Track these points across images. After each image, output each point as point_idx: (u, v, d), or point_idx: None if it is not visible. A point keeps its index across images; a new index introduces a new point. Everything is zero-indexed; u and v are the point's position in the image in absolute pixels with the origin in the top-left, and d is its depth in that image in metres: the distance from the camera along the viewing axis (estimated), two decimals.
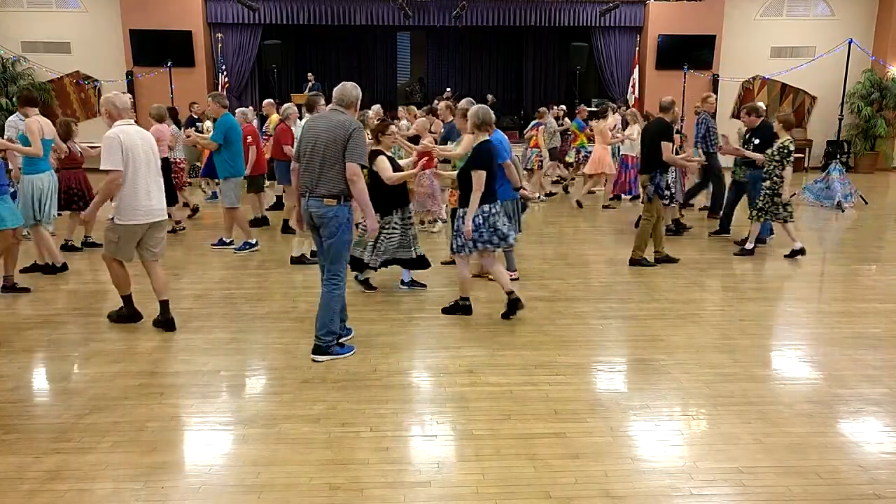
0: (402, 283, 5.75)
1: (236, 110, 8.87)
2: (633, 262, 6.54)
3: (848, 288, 5.95)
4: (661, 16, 14.97)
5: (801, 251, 6.84)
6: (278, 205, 9.31)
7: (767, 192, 6.74)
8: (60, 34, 14.31)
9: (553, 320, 4.95)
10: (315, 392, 3.70)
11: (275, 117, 10.36)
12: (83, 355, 4.26)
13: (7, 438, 3.19)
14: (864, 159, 15.16)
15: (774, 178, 6.69)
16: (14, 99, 13.61)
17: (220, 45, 14.58)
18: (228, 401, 3.63)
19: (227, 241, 7.25)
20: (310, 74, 15.19)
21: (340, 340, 4.31)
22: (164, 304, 4.69)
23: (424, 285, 5.73)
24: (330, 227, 4.03)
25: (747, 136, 7.55)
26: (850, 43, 12.06)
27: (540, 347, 4.39)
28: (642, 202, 6.99)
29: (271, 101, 10.93)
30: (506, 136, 5.75)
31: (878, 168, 15.15)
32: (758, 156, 6.91)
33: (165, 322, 4.67)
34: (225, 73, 14.67)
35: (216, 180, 9.40)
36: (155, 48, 14.06)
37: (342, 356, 4.19)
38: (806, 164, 15.08)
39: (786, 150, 6.63)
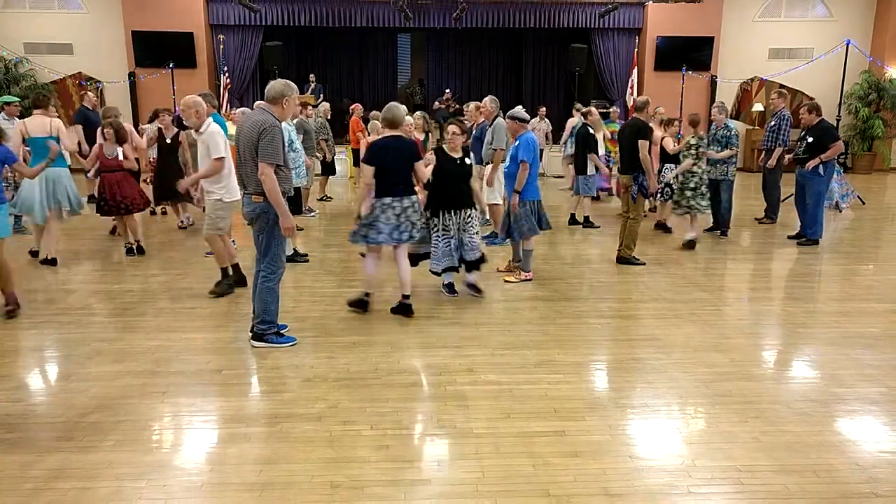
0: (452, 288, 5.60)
1: (237, 110, 8.84)
2: (621, 259, 6.61)
3: (845, 288, 5.97)
4: (659, 17, 15.01)
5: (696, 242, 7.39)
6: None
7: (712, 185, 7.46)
8: (63, 35, 14.34)
9: (553, 320, 4.97)
10: (316, 391, 3.73)
11: None
12: (85, 354, 4.29)
13: (9, 437, 3.21)
14: (862, 160, 15.20)
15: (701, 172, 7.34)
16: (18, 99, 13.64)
17: (221, 46, 14.61)
18: (230, 399, 3.65)
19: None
20: (311, 76, 15.23)
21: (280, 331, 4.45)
22: (233, 267, 5.68)
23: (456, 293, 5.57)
24: (259, 223, 4.19)
25: (802, 133, 7.78)
26: (847, 44, 12.11)
27: (540, 346, 4.41)
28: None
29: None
30: (536, 137, 5.94)
31: (876, 169, 15.19)
32: (813, 161, 7.42)
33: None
34: (227, 74, 14.70)
35: None
36: (157, 49, 14.09)
37: (278, 345, 4.33)
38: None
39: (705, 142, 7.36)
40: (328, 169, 10.56)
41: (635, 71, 15.26)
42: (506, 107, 6.65)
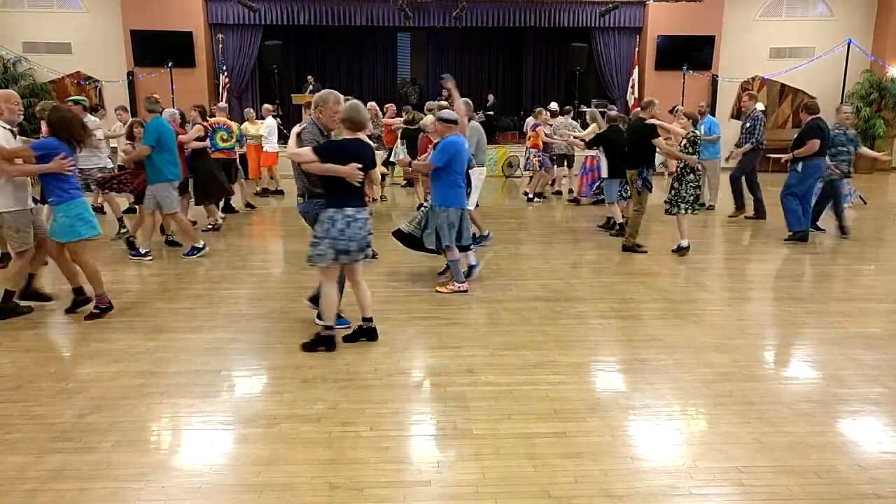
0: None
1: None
2: (626, 248, 7.07)
3: (847, 288, 5.96)
4: (660, 17, 15.00)
5: (688, 248, 7.06)
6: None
7: (693, 184, 6.83)
8: (61, 35, 14.34)
9: (553, 320, 4.96)
10: (315, 392, 3.71)
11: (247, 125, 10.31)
12: (84, 355, 4.27)
13: (8, 438, 3.20)
14: (863, 160, 15.13)
15: (698, 171, 6.84)
16: None
17: (220, 45, 14.60)
18: (229, 400, 3.64)
19: (200, 245, 6.94)
20: (310, 77, 15.20)
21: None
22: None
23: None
24: (307, 221, 4.41)
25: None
26: (849, 43, 12.10)
27: (540, 347, 4.40)
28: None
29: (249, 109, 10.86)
30: (462, 140, 5.60)
31: (878, 168, 15.16)
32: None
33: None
34: (226, 73, 14.70)
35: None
36: (156, 49, 14.09)
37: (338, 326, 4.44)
38: None
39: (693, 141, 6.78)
40: None
41: (636, 70, 15.25)
42: (507, 106, 6.62)
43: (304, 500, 2.72)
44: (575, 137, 9.94)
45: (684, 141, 6.77)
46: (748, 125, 8.83)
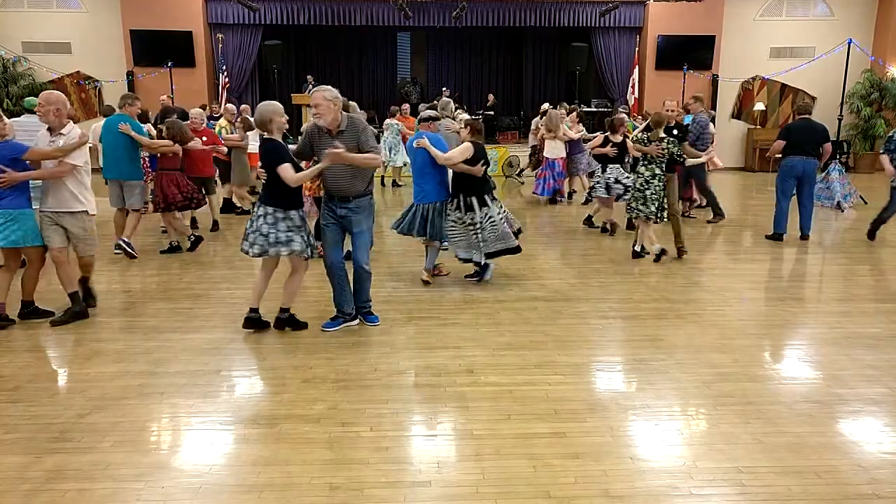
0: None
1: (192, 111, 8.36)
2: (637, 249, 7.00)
3: (847, 288, 5.96)
4: (660, 16, 14.99)
5: (663, 252, 6.64)
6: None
7: (653, 192, 6.51)
8: (61, 34, 14.33)
9: (553, 320, 4.95)
10: (315, 392, 3.71)
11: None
12: (83, 355, 4.27)
13: (7, 438, 3.20)
14: (864, 159, 15.18)
15: (640, 177, 6.57)
16: (14, 99, 13.61)
17: (220, 45, 14.60)
18: (229, 401, 3.64)
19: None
20: (309, 76, 15.20)
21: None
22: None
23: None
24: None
25: None
26: (849, 43, 12.09)
27: (540, 347, 4.39)
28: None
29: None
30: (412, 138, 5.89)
31: (878, 168, 15.09)
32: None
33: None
34: (225, 73, 14.69)
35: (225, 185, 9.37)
36: (156, 48, 14.08)
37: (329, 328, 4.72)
38: None
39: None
40: None
41: (636, 70, 15.24)
42: (507, 106, 6.66)
43: (304, 500, 2.72)
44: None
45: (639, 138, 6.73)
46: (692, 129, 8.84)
